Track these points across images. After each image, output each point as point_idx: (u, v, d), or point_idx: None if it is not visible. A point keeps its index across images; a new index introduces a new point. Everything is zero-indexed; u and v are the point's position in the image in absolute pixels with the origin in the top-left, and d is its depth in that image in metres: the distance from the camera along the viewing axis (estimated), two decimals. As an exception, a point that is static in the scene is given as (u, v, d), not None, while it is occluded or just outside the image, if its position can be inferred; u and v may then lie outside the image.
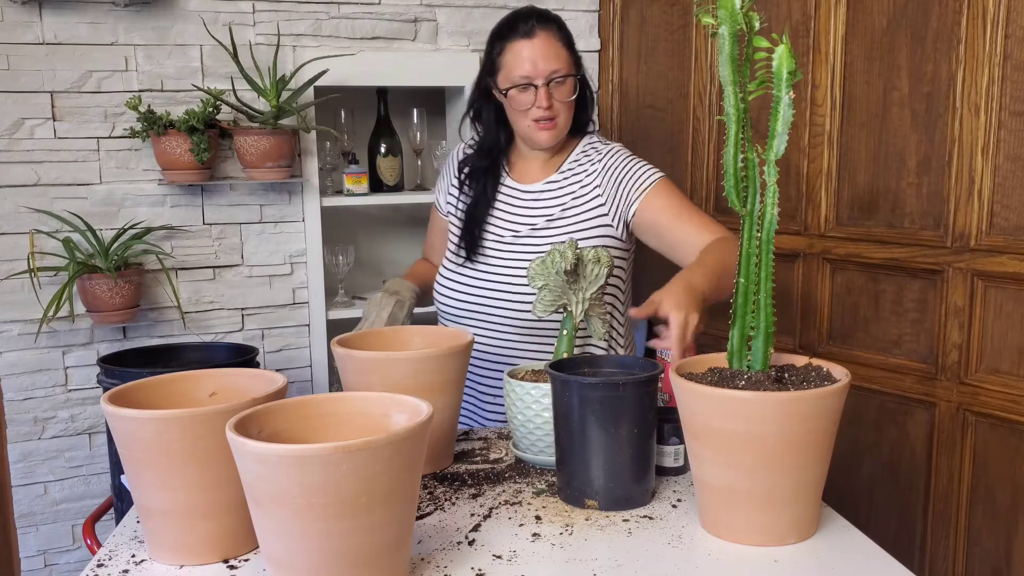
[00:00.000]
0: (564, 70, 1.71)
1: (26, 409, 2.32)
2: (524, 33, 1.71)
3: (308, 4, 2.45)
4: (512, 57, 1.72)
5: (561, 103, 1.72)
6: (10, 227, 2.26)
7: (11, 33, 2.21)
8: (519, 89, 1.71)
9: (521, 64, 1.70)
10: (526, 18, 1.72)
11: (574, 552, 1.13)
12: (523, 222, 1.77)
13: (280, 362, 2.52)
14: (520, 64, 1.70)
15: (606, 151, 1.78)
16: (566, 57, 1.72)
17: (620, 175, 1.74)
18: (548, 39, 1.71)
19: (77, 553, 2.42)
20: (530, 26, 1.71)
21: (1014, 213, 1.82)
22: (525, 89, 1.70)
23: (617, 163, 1.75)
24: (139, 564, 1.13)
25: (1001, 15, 1.80)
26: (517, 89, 1.71)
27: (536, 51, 1.70)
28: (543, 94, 1.70)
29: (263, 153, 2.32)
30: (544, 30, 1.71)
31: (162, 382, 1.21)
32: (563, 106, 1.73)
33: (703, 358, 1.26)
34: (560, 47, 1.72)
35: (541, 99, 1.70)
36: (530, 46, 1.70)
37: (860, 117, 2.08)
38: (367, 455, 0.92)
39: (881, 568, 1.09)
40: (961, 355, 1.92)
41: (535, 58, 1.69)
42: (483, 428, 1.67)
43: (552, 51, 1.71)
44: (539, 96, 1.70)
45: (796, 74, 1.10)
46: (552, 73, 1.70)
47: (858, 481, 2.15)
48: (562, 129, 1.75)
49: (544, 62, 1.69)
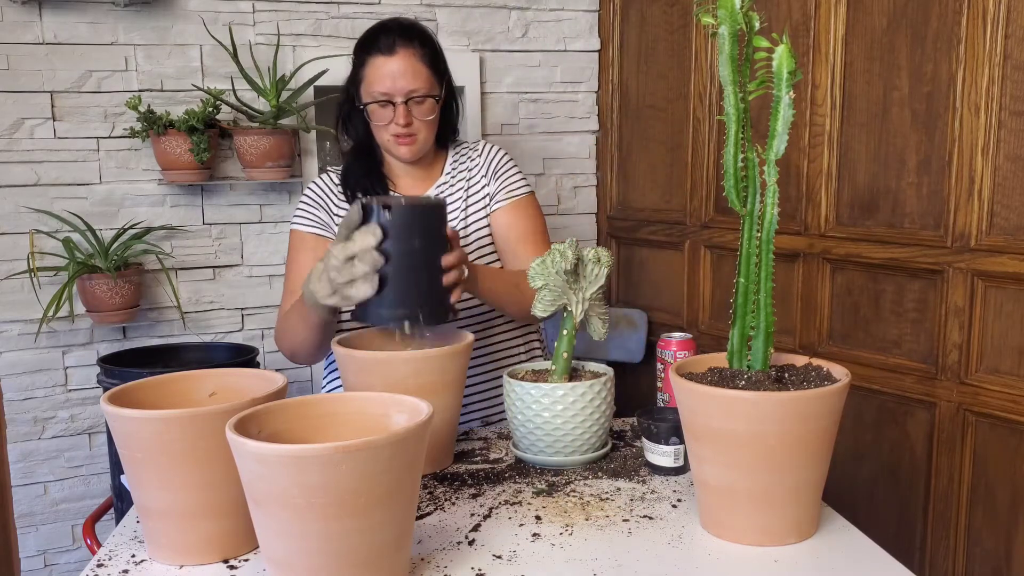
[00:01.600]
0: (423, 90, 1.67)
1: (26, 409, 2.32)
2: (384, 48, 1.67)
3: (308, 4, 2.45)
4: (371, 72, 1.68)
5: (420, 121, 1.69)
6: (10, 227, 2.27)
7: (11, 33, 2.21)
8: (379, 104, 1.67)
9: (380, 80, 1.66)
10: (388, 32, 1.68)
11: (574, 552, 1.12)
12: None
13: (280, 362, 2.51)
14: (379, 80, 1.66)
15: (483, 147, 1.82)
16: (426, 76, 1.68)
17: (499, 172, 1.78)
18: (408, 57, 1.67)
19: (77, 553, 2.42)
20: (391, 41, 1.67)
21: (1014, 213, 1.82)
22: (384, 105, 1.67)
23: (498, 159, 1.80)
24: (139, 564, 1.13)
25: (1001, 15, 1.80)
26: (377, 104, 1.67)
27: (395, 69, 1.65)
28: (401, 112, 1.66)
29: (263, 153, 2.32)
30: (405, 47, 1.67)
31: (162, 382, 1.21)
32: (423, 123, 1.70)
33: (703, 358, 1.26)
34: (420, 65, 1.68)
35: (399, 116, 1.67)
36: (389, 63, 1.66)
37: (860, 117, 2.08)
38: (367, 455, 0.92)
39: (881, 568, 1.09)
40: (961, 355, 1.92)
41: (394, 76, 1.65)
42: (483, 428, 1.67)
43: (411, 70, 1.66)
44: (397, 113, 1.67)
45: (796, 74, 1.10)
46: (411, 92, 1.66)
47: (858, 481, 2.15)
48: (423, 144, 1.71)
49: (403, 80, 1.65)
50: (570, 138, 2.77)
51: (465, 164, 1.80)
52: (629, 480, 1.36)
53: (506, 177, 1.78)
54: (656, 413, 1.42)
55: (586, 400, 1.38)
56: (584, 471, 1.39)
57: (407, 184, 1.79)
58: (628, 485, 1.34)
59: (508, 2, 2.64)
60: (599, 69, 2.76)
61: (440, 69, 1.73)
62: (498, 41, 2.65)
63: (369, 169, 1.77)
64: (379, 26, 1.72)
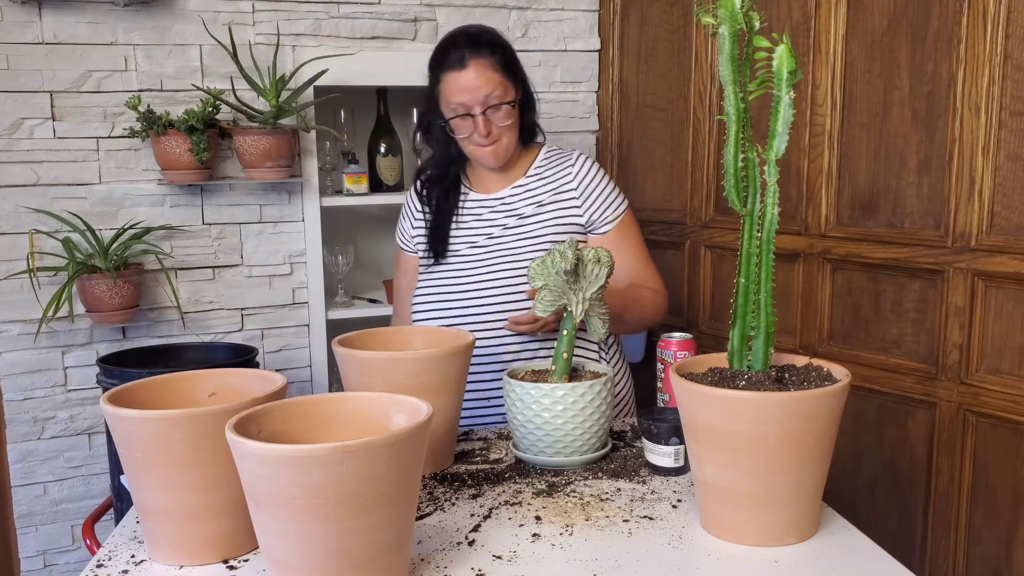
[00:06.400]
0: (498, 97, 1.71)
1: (26, 409, 2.32)
2: (456, 63, 1.70)
3: (308, 4, 2.45)
4: (446, 88, 1.72)
5: (500, 127, 1.73)
6: (10, 227, 2.26)
7: (11, 33, 2.21)
8: (459, 118, 1.72)
9: (456, 95, 1.70)
10: (457, 46, 1.72)
11: (574, 552, 1.12)
12: (497, 222, 1.80)
13: (280, 362, 2.52)
14: (455, 95, 1.71)
15: (576, 159, 1.83)
16: (499, 81, 1.71)
17: (596, 193, 1.80)
18: (479, 68, 1.70)
19: (77, 553, 2.42)
20: (461, 55, 1.70)
21: (1014, 213, 1.82)
22: (464, 118, 1.71)
23: (592, 177, 1.81)
24: (139, 564, 1.13)
25: (1001, 15, 1.80)
26: (458, 118, 1.72)
27: (468, 82, 1.69)
28: (480, 122, 1.71)
29: (263, 153, 2.32)
30: (475, 58, 1.70)
31: (162, 382, 1.21)
32: (503, 128, 1.73)
33: (703, 358, 1.26)
34: (493, 73, 1.71)
35: (479, 127, 1.71)
36: (462, 77, 1.70)
37: (860, 117, 2.08)
38: (367, 455, 0.92)
39: (881, 568, 1.09)
40: (961, 355, 1.92)
41: (468, 89, 1.69)
42: (483, 428, 1.67)
43: (483, 78, 1.70)
44: (477, 125, 1.71)
45: (796, 74, 1.10)
46: (486, 101, 1.70)
47: (858, 481, 2.15)
48: (507, 148, 1.76)
49: (478, 92, 1.69)
50: (570, 138, 2.77)
51: (553, 172, 1.82)
52: (629, 480, 1.36)
53: (604, 197, 1.80)
54: (656, 413, 1.42)
55: (586, 400, 1.38)
56: (584, 471, 1.39)
57: (485, 183, 1.84)
58: (628, 485, 1.34)
59: (508, 2, 2.64)
60: (599, 69, 2.76)
61: (513, 70, 1.75)
62: (498, 41, 2.65)
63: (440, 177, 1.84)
64: (448, 40, 1.75)
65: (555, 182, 1.81)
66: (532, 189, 1.81)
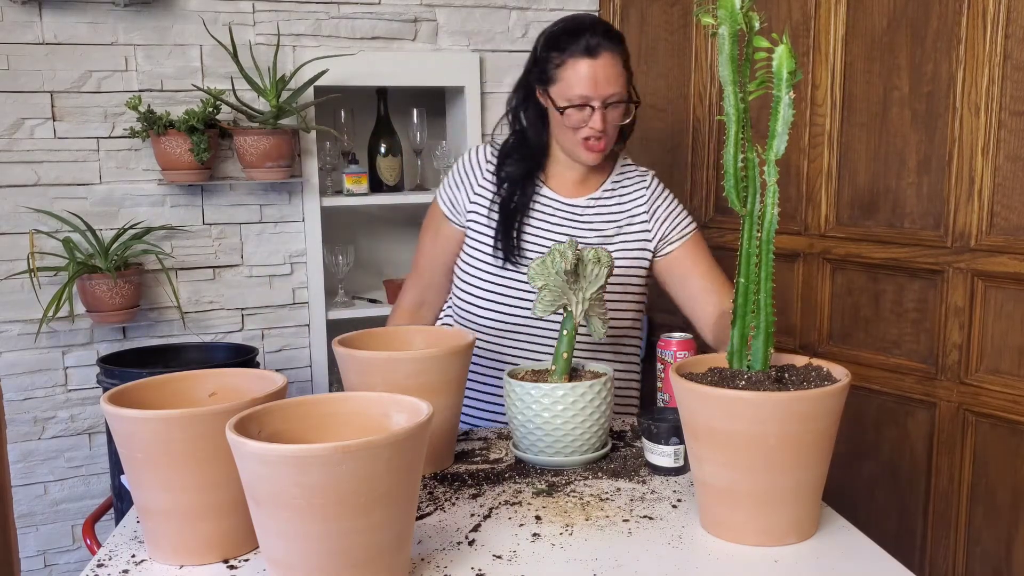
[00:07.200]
0: (622, 94, 1.63)
1: (26, 409, 2.32)
2: (589, 50, 1.59)
3: (308, 4, 2.45)
4: (572, 74, 1.61)
5: (612, 125, 1.65)
6: (10, 227, 2.27)
7: (11, 33, 2.21)
8: (575, 108, 1.62)
9: (582, 83, 1.60)
10: (593, 32, 1.61)
11: (574, 552, 1.12)
12: (578, 235, 1.72)
13: (280, 362, 2.52)
14: (580, 83, 1.60)
15: (650, 178, 1.78)
16: (624, 80, 1.64)
17: (666, 212, 1.75)
18: (612, 60, 1.61)
19: (77, 553, 2.42)
20: (596, 43, 1.59)
21: (1014, 213, 1.82)
22: (581, 109, 1.61)
23: (663, 198, 1.76)
24: (139, 564, 1.13)
25: (1001, 15, 1.80)
26: (574, 108, 1.62)
27: (599, 72, 1.59)
28: (599, 116, 1.61)
29: (263, 153, 2.32)
30: (609, 50, 1.60)
31: (162, 382, 1.21)
32: (614, 128, 1.67)
33: (703, 358, 1.26)
34: (621, 69, 1.63)
35: (596, 121, 1.61)
36: (594, 66, 1.59)
37: (860, 117, 2.08)
38: (367, 455, 0.92)
39: (881, 568, 1.09)
40: (961, 355, 1.92)
41: (596, 80, 1.59)
42: (483, 428, 1.67)
43: (614, 74, 1.61)
44: (595, 118, 1.61)
45: (796, 74, 1.10)
46: (609, 97, 1.62)
47: (858, 481, 2.15)
48: (608, 148, 1.69)
49: (605, 85, 1.60)
50: (570, 138, 2.77)
51: (628, 190, 1.76)
52: (629, 480, 1.36)
53: (675, 216, 1.75)
54: (656, 413, 1.42)
55: (586, 400, 1.38)
56: (584, 471, 1.39)
57: (560, 186, 1.75)
58: (628, 485, 1.34)
59: (508, 2, 2.64)
60: (599, 69, 2.76)
61: (630, 72, 1.68)
62: (498, 41, 2.65)
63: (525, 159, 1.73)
64: (578, 24, 1.64)
65: (630, 203, 1.75)
66: (609, 206, 1.74)
